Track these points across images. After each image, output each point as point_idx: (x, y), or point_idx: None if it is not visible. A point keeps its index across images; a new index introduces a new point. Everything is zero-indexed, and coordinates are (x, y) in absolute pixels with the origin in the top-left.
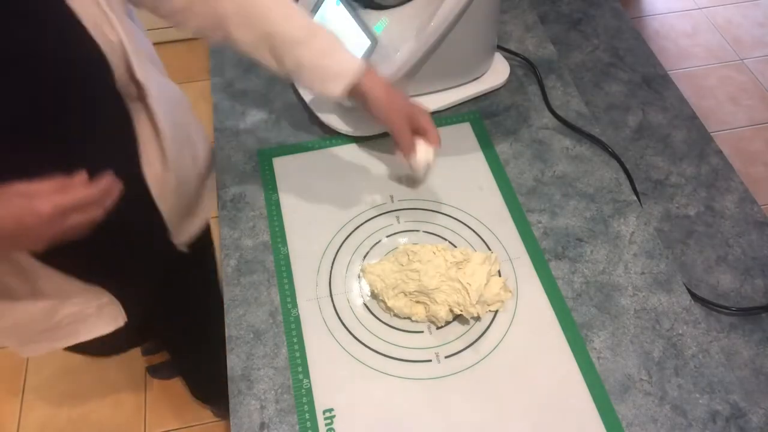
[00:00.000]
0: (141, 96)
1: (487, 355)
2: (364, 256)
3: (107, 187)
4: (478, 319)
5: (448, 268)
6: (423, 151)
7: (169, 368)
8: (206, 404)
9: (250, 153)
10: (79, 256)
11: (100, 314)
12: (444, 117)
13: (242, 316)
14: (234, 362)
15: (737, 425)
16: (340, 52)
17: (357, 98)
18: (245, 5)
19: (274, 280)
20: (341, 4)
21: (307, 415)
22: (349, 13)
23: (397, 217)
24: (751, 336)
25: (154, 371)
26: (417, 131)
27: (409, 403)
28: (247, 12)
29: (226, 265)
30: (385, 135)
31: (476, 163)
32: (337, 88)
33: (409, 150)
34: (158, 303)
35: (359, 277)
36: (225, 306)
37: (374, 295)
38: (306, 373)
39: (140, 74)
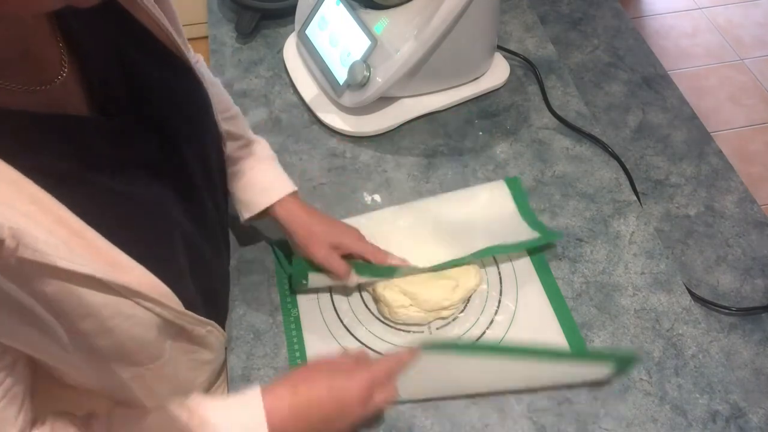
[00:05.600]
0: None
1: None
2: None
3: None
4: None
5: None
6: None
7: None
8: None
9: None
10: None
11: None
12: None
13: (242, 316)
14: (234, 362)
15: (737, 425)
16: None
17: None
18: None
19: (274, 280)
20: (341, 4)
21: None
22: (349, 13)
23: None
24: (751, 336)
25: None
26: (349, 256)
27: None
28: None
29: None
30: (385, 134)
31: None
32: (245, 214)
33: (344, 276)
34: None
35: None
36: None
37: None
38: None
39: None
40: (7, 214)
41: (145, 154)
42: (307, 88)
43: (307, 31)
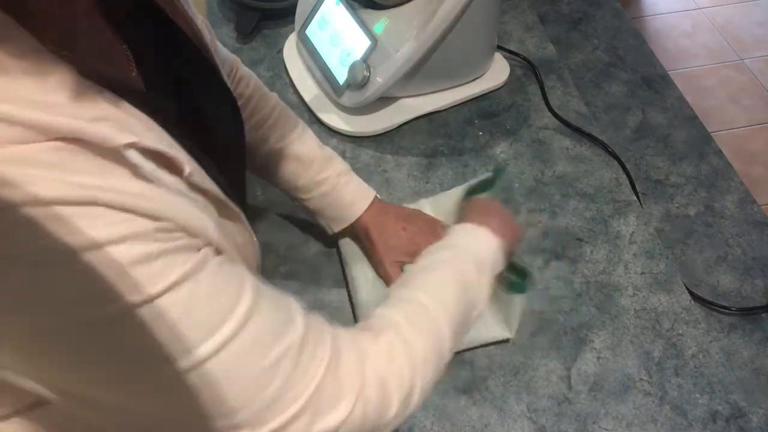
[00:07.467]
0: None
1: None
2: None
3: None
4: None
5: None
6: None
7: None
8: None
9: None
10: None
11: None
12: None
13: None
14: None
15: (737, 425)
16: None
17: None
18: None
19: (275, 279)
20: (341, 4)
21: None
22: (349, 13)
23: None
24: (751, 336)
25: None
26: None
27: None
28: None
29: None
30: (385, 134)
31: None
32: (340, 225)
33: None
34: None
35: None
36: None
37: None
38: None
39: None
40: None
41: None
42: (307, 88)
43: (307, 31)
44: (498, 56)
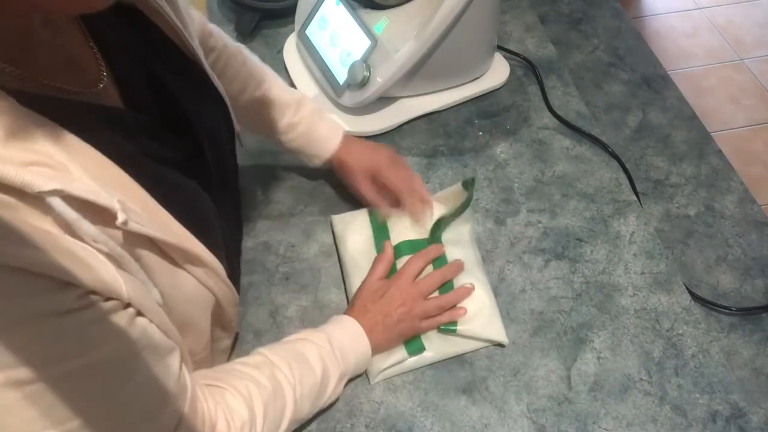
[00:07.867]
0: None
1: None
2: None
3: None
4: None
5: None
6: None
7: None
8: None
9: (249, 152)
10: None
11: None
12: None
13: (242, 316)
14: None
15: (737, 425)
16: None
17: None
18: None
19: (275, 279)
20: (341, 4)
21: None
22: (349, 13)
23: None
24: (751, 336)
25: None
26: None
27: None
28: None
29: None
30: (385, 134)
31: None
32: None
33: (375, 204)
34: None
35: None
36: None
37: None
38: None
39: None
40: (111, 191)
41: (175, 151)
42: (307, 88)
43: (307, 31)
44: (498, 56)
